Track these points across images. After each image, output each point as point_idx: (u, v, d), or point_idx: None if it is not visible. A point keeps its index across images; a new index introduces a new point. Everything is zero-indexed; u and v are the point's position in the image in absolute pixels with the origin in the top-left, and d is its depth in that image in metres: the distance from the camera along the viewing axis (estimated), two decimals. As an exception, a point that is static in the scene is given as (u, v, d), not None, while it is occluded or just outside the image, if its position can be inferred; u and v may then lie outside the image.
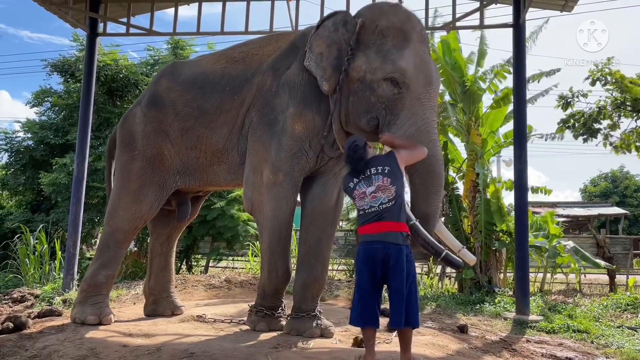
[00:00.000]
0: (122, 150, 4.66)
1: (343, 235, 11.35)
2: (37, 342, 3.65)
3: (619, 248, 13.64)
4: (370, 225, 3.11)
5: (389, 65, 3.53)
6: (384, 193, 3.10)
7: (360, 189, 3.18)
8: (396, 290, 3.01)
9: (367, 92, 3.60)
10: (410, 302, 3.02)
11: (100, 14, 7.11)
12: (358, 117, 3.68)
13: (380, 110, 3.57)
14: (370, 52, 3.62)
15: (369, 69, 3.59)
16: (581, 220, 22.55)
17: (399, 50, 3.57)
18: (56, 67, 11.19)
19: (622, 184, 30.40)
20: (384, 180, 3.13)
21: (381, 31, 3.64)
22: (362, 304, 3.12)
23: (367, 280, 3.11)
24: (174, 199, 4.79)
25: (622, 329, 5.35)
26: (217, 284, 7.12)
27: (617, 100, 6.56)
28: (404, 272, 3.01)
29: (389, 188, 3.10)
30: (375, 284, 3.13)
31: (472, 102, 8.38)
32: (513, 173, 6.13)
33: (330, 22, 3.85)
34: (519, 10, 6.24)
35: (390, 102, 3.54)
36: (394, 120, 3.52)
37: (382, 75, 3.53)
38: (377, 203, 3.10)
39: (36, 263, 7.83)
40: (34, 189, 10.94)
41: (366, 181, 3.18)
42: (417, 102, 3.52)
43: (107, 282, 4.51)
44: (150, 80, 5.25)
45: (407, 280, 3.02)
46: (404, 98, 3.51)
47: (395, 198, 3.10)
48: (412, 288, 3.06)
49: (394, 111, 3.53)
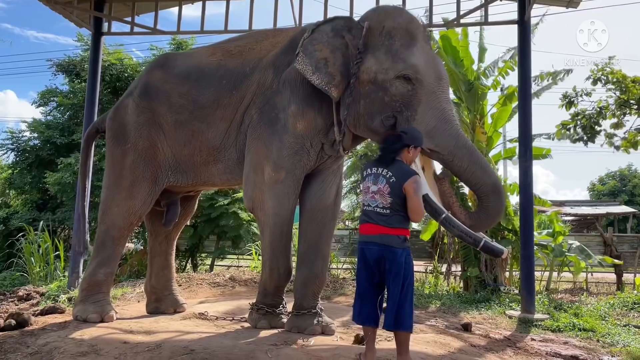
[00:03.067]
0: (113, 144, 4.54)
1: (347, 234, 11.33)
2: (39, 339, 3.66)
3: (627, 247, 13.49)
4: (367, 225, 3.15)
5: (400, 63, 3.56)
6: (381, 198, 3.10)
7: (368, 182, 3.19)
8: (390, 294, 3.04)
9: (379, 92, 3.62)
10: (404, 305, 3.01)
11: (105, 13, 7.12)
12: (370, 119, 3.68)
13: (395, 108, 3.58)
14: (379, 53, 3.64)
15: (379, 69, 3.60)
16: (589, 219, 22.36)
17: (407, 49, 3.62)
18: (61, 67, 11.27)
19: (630, 182, 30.09)
20: (385, 186, 3.10)
21: (388, 32, 3.67)
22: (360, 302, 3.17)
23: (365, 279, 3.15)
24: (162, 199, 4.68)
25: (628, 328, 5.30)
26: (222, 282, 7.13)
27: (620, 99, 6.48)
28: (399, 276, 3.01)
29: (385, 197, 3.09)
30: (373, 283, 3.14)
31: (476, 99, 8.32)
32: (518, 172, 6.08)
33: (329, 28, 3.83)
34: (524, 7, 6.18)
35: (405, 99, 3.56)
36: (412, 115, 3.54)
37: (394, 74, 3.56)
38: (374, 204, 3.12)
39: (41, 261, 7.87)
40: (40, 188, 11.01)
41: (375, 178, 3.17)
42: (432, 95, 3.58)
43: (107, 279, 4.45)
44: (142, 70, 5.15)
45: (403, 283, 3.01)
46: (418, 94, 3.55)
47: (391, 209, 3.07)
48: (408, 291, 3.04)
49: (410, 107, 3.56)
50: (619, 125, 6.75)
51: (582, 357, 4.07)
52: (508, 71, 8.25)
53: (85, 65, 10.49)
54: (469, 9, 6.82)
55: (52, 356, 3.24)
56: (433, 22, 7.03)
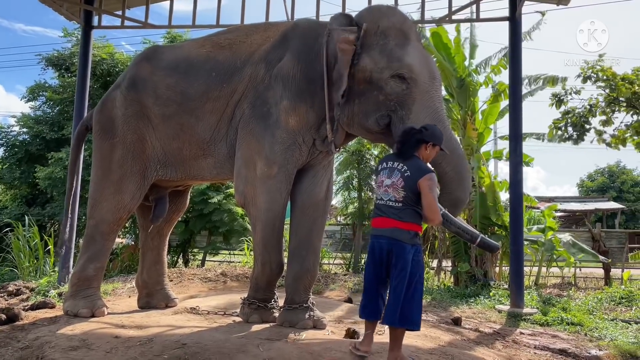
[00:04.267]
0: (101, 137, 4.47)
1: (339, 229, 11.36)
2: (29, 334, 3.64)
3: (615, 242, 13.69)
4: (379, 219, 3.15)
5: (395, 62, 3.60)
6: (394, 192, 3.07)
7: (382, 176, 3.17)
8: (394, 288, 3.01)
9: (374, 91, 3.65)
10: (411, 303, 2.99)
11: (95, 7, 7.06)
12: (365, 118, 3.71)
13: (390, 107, 3.62)
14: (374, 52, 3.67)
15: (375, 68, 3.63)
16: (578, 215, 22.63)
17: (402, 48, 3.66)
18: (51, 61, 11.14)
19: (619, 179, 30.43)
20: (399, 180, 3.07)
21: (383, 32, 3.70)
22: (365, 295, 3.19)
23: (372, 274, 3.15)
24: (151, 194, 4.63)
25: (615, 322, 5.37)
26: (213, 277, 7.13)
27: (610, 97, 6.55)
28: (405, 271, 2.98)
29: (398, 190, 3.06)
30: (381, 278, 3.14)
31: (468, 96, 8.37)
32: (509, 167, 6.13)
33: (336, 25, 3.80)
34: (515, 4, 6.22)
35: (400, 97, 3.60)
36: (407, 114, 3.57)
37: (389, 73, 3.59)
38: (386, 198, 3.11)
39: (31, 257, 7.82)
40: (29, 183, 10.93)
41: (390, 172, 3.14)
42: (426, 94, 3.61)
43: (97, 274, 4.42)
44: (130, 63, 5.06)
45: (410, 280, 3.00)
46: (412, 93, 3.59)
47: (403, 203, 3.05)
48: (417, 289, 3.03)
49: (405, 106, 3.59)
50: (608, 122, 6.82)
51: (570, 351, 4.13)
52: (500, 69, 8.30)
53: (75, 60, 10.40)
54: (461, 6, 6.85)
55: (43, 351, 3.22)
56: (424, 18, 7.04)
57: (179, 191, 4.99)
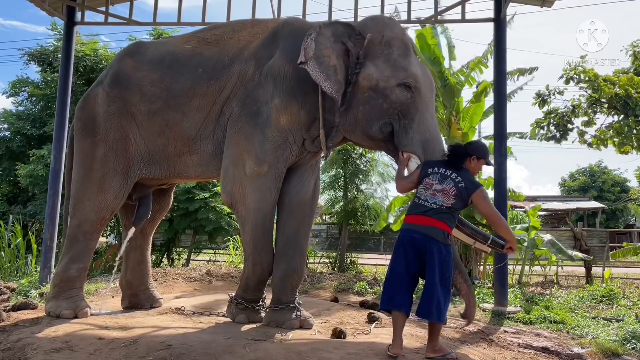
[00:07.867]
0: (83, 135, 4.38)
1: (325, 228, 11.37)
2: (11, 335, 3.58)
3: (596, 241, 13.91)
4: (416, 216, 3.27)
5: (401, 72, 3.67)
6: (444, 197, 3.23)
7: (433, 179, 3.31)
8: (428, 284, 3.16)
9: (379, 99, 3.68)
10: (445, 298, 3.15)
11: (78, 2, 6.95)
12: (369, 125, 3.73)
13: (393, 115, 3.67)
14: (379, 61, 3.71)
15: (381, 77, 3.67)
16: (560, 214, 22.92)
17: (405, 59, 3.75)
18: (33, 57, 10.97)
19: (600, 178, 30.93)
20: (451, 188, 3.24)
21: (387, 42, 3.75)
22: (394, 288, 3.25)
23: (403, 267, 3.23)
24: (134, 193, 4.55)
25: (597, 320, 5.46)
26: (198, 277, 7.08)
27: (592, 98, 6.66)
28: (437, 268, 3.12)
29: (449, 197, 3.23)
30: (410, 272, 3.24)
31: (452, 96, 8.42)
32: (493, 167, 6.18)
33: (330, 32, 3.78)
34: (500, 5, 6.28)
35: (403, 106, 3.65)
36: (409, 124, 3.65)
37: (395, 81, 3.64)
38: (432, 201, 3.25)
39: (12, 256, 7.68)
40: (10, 181, 10.75)
41: (441, 177, 3.30)
42: (426, 107, 3.72)
43: (80, 275, 4.35)
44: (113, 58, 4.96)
45: (442, 278, 3.13)
46: (416, 102, 3.67)
47: (449, 208, 3.22)
48: (446, 285, 3.17)
49: (407, 115, 3.66)
50: (590, 123, 6.94)
51: (553, 349, 4.18)
52: (482, 68, 8.38)
53: (58, 55, 10.24)
54: (447, 6, 6.89)
55: (25, 352, 3.17)
56: (411, 19, 7.06)
57: (163, 190, 4.93)
